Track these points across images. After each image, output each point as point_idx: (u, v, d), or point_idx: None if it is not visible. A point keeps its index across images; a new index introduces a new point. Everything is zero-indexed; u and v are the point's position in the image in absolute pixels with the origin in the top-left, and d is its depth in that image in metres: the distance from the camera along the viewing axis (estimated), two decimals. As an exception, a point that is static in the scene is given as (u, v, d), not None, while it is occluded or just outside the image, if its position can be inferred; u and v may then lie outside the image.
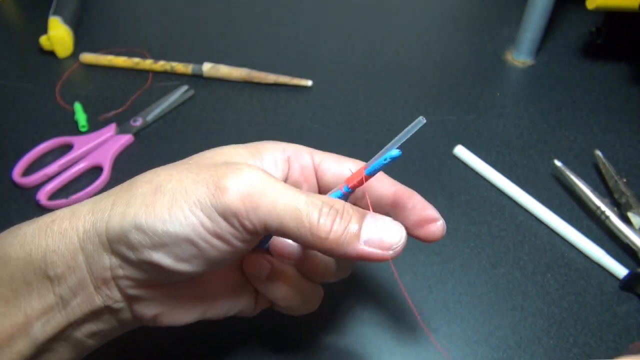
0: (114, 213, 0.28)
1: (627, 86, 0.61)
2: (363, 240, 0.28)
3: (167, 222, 0.27)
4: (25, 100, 0.62)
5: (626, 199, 0.47)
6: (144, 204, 0.28)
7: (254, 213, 0.27)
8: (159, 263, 0.28)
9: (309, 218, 0.27)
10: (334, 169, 0.35)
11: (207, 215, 0.27)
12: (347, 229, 0.28)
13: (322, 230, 0.27)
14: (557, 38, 0.67)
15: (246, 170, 0.28)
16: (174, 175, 0.29)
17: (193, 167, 0.29)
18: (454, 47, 0.67)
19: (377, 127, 0.57)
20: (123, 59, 0.64)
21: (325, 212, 0.28)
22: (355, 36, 0.69)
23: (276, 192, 0.28)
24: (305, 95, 0.61)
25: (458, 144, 0.54)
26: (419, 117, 0.28)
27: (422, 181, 0.51)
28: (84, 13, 0.73)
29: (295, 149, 0.35)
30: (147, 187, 0.28)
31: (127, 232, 0.27)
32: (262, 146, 0.34)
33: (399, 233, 0.29)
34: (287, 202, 0.27)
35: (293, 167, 0.34)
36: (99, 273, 0.29)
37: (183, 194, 0.27)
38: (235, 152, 0.32)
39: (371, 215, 0.29)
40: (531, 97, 0.60)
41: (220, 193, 0.27)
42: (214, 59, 0.63)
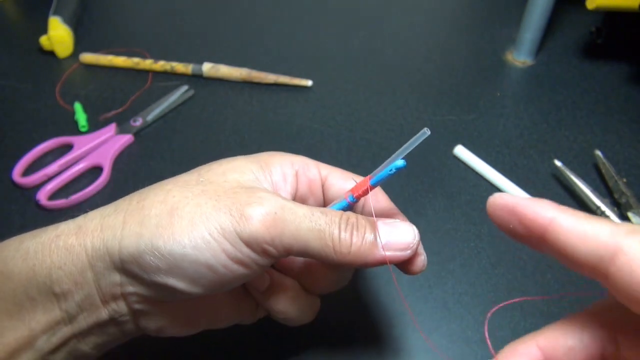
0: (127, 233, 0.28)
1: (627, 86, 0.61)
2: (381, 247, 0.29)
3: (186, 246, 0.27)
4: (25, 100, 0.62)
5: (626, 199, 0.47)
6: (160, 226, 0.27)
7: (279, 239, 0.28)
8: (173, 287, 0.28)
9: (331, 237, 0.29)
10: (340, 183, 0.35)
11: (230, 241, 0.27)
12: (364, 239, 0.29)
13: (344, 245, 0.29)
14: (557, 38, 0.67)
15: (267, 198, 0.29)
16: (190, 198, 0.28)
17: (209, 189, 0.29)
18: (454, 47, 0.67)
19: (377, 127, 0.57)
20: (123, 59, 0.64)
21: (344, 228, 0.29)
22: (355, 36, 0.69)
23: (298, 218, 0.28)
24: (305, 95, 0.61)
25: (458, 144, 0.54)
26: (424, 128, 0.29)
27: (422, 181, 0.51)
28: (84, 13, 0.73)
29: (303, 162, 0.35)
30: (161, 208, 0.28)
31: (142, 254, 0.27)
32: (271, 159, 0.34)
33: (412, 231, 0.30)
34: (310, 226, 0.29)
35: (301, 181, 0.35)
36: (108, 289, 0.29)
37: (203, 219, 0.27)
38: (245, 167, 0.32)
39: (382, 222, 0.30)
40: (531, 97, 0.60)
41: (245, 221, 0.27)
42: (214, 59, 0.63)
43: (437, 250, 0.46)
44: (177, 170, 0.33)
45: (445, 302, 0.43)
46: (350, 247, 0.29)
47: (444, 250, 0.46)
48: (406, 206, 0.49)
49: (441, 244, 0.46)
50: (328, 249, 0.29)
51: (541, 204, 0.24)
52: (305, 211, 0.29)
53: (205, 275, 0.28)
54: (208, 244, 0.27)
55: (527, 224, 0.24)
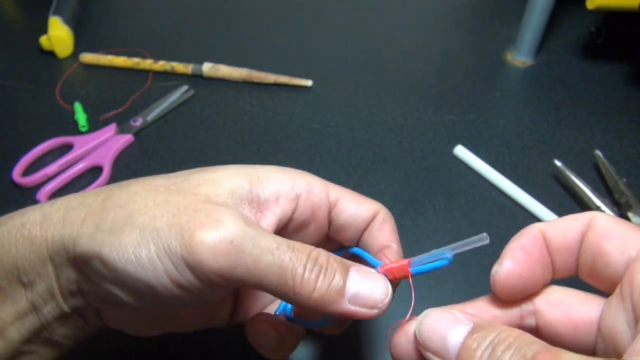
0: (82, 232, 0.27)
1: (627, 86, 0.61)
2: (347, 298, 0.26)
3: (129, 262, 0.25)
4: (25, 100, 0.62)
5: (626, 199, 0.47)
6: (112, 233, 0.26)
7: (230, 271, 0.25)
8: (117, 297, 0.27)
9: (293, 276, 0.26)
10: (352, 210, 0.32)
11: (174, 264, 0.25)
12: (330, 286, 0.26)
13: (306, 288, 0.26)
14: (557, 38, 0.67)
15: (227, 222, 0.26)
16: (149, 208, 0.26)
17: (172, 201, 0.27)
18: (454, 47, 0.67)
19: (377, 127, 0.57)
20: (123, 59, 0.64)
21: (310, 268, 0.26)
22: (355, 36, 0.69)
23: (259, 250, 0.25)
24: (305, 95, 0.61)
25: (458, 144, 0.54)
26: (484, 234, 0.26)
27: (422, 181, 0.51)
28: (84, 13, 0.73)
29: (309, 184, 0.31)
30: (119, 213, 0.27)
31: (91, 259, 0.26)
32: (267, 175, 0.30)
33: (385, 290, 0.27)
34: (270, 261, 0.25)
35: (302, 206, 0.31)
36: (66, 285, 0.28)
37: (154, 235, 0.25)
38: (229, 179, 0.29)
39: (356, 269, 0.27)
40: (531, 97, 0.60)
41: (194, 246, 0.25)
42: (214, 59, 0.63)
43: (437, 250, 0.46)
44: (177, 170, 0.33)
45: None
46: (312, 292, 0.26)
47: (444, 250, 0.46)
48: (406, 206, 0.49)
49: (441, 244, 0.46)
50: (287, 289, 0.26)
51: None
52: (270, 243, 0.26)
53: (147, 293, 0.26)
54: (152, 263, 0.25)
55: None
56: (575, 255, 0.26)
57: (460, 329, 0.23)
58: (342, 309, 0.26)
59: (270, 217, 0.30)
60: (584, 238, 0.25)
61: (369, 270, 0.28)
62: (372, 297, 0.27)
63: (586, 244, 0.25)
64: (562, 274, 0.27)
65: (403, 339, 0.26)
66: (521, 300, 0.26)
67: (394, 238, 0.32)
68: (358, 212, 0.32)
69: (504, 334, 0.22)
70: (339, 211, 0.32)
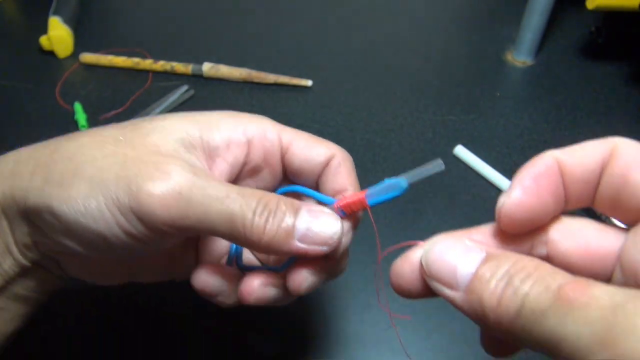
0: (32, 185, 0.27)
1: (627, 86, 0.61)
2: (297, 237, 0.27)
3: (80, 213, 0.26)
4: (25, 100, 0.62)
5: (626, 199, 0.47)
6: (62, 186, 0.26)
7: (181, 221, 0.26)
8: (70, 248, 0.27)
9: (243, 222, 0.26)
10: (305, 153, 0.31)
11: (124, 215, 0.26)
12: (279, 227, 0.26)
13: (256, 232, 0.26)
14: (557, 38, 0.67)
15: (175, 174, 0.26)
16: (97, 160, 0.27)
17: (120, 152, 0.27)
18: (454, 47, 0.67)
19: (377, 127, 0.57)
20: (123, 59, 0.64)
21: (259, 213, 0.26)
22: (355, 36, 0.69)
23: (208, 199, 0.26)
24: (305, 95, 0.61)
25: (458, 144, 0.54)
26: (439, 160, 0.26)
27: (422, 181, 0.51)
28: (84, 13, 0.73)
29: (261, 128, 0.31)
30: (67, 165, 0.27)
31: (42, 212, 0.26)
32: (218, 121, 0.30)
33: (335, 227, 0.27)
34: (220, 209, 0.26)
35: (254, 152, 0.31)
36: (20, 238, 0.29)
37: (102, 186, 0.26)
38: (178, 128, 0.29)
39: (306, 209, 0.27)
40: (531, 97, 0.60)
41: (143, 198, 0.25)
42: (214, 59, 0.63)
43: (437, 250, 0.46)
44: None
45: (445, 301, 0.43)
46: (262, 234, 0.26)
47: (444, 250, 0.46)
48: (406, 206, 0.49)
49: (441, 244, 0.46)
50: (238, 234, 0.26)
51: None
52: (219, 192, 0.26)
53: (100, 243, 0.27)
54: (102, 214, 0.26)
55: None
56: (593, 185, 0.24)
57: (473, 257, 0.22)
58: (293, 248, 0.27)
59: (222, 164, 0.30)
60: (605, 167, 0.23)
61: (321, 209, 0.28)
62: (321, 235, 0.27)
63: (609, 173, 0.23)
64: (575, 205, 0.25)
65: (406, 268, 0.25)
66: (535, 230, 0.24)
67: (351, 182, 0.31)
68: (310, 155, 0.31)
69: (521, 263, 0.20)
70: (291, 155, 0.31)
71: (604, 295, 0.17)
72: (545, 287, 0.19)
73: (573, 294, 0.18)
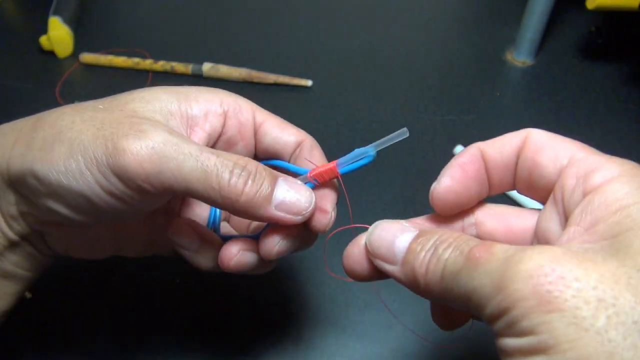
0: (14, 154, 0.28)
1: (627, 86, 0.61)
2: (274, 204, 0.28)
3: (61, 174, 0.26)
4: (25, 100, 0.62)
5: (626, 199, 0.47)
6: (43, 150, 0.27)
7: (155, 177, 0.26)
8: (56, 210, 0.28)
9: (218, 180, 0.27)
10: (275, 132, 0.33)
11: (102, 174, 0.26)
12: (259, 192, 0.27)
13: (233, 192, 0.27)
14: (557, 38, 0.67)
15: (149, 132, 0.27)
16: (76, 124, 0.27)
17: (98, 117, 0.28)
18: (454, 47, 0.67)
19: (377, 127, 0.57)
20: (123, 59, 0.64)
21: (237, 174, 0.27)
22: (355, 36, 0.69)
23: (182, 155, 0.26)
24: (305, 95, 0.61)
25: (458, 144, 0.54)
26: (404, 128, 0.28)
27: (422, 181, 0.51)
28: (84, 13, 0.73)
29: (236, 103, 0.33)
30: (48, 131, 0.28)
31: (25, 176, 0.27)
32: (197, 94, 0.32)
33: (309, 199, 0.29)
34: (193, 165, 0.26)
35: (230, 123, 0.32)
36: (6, 208, 0.29)
37: (81, 147, 0.26)
38: (158, 97, 0.30)
39: (283, 179, 0.29)
40: (531, 97, 0.60)
41: (118, 155, 0.26)
42: (214, 59, 0.63)
43: (437, 250, 0.46)
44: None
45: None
46: (240, 194, 0.27)
47: (444, 250, 0.46)
48: (406, 206, 0.49)
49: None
50: (213, 192, 0.27)
51: None
52: (193, 149, 0.27)
53: (84, 205, 0.27)
54: (82, 174, 0.26)
55: None
56: (512, 170, 0.27)
57: (407, 235, 0.25)
58: (269, 214, 0.28)
59: (200, 133, 0.31)
60: (520, 153, 0.27)
61: (296, 181, 0.29)
62: (297, 205, 0.28)
63: (522, 158, 0.26)
64: (500, 189, 0.28)
65: (355, 250, 0.27)
66: (463, 213, 0.28)
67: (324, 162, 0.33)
68: (280, 136, 0.33)
69: (444, 235, 0.23)
70: (262, 133, 0.33)
71: (500, 251, 0.21)
72: (460, 251, 0.22)
73: (479, 253, 0.21)
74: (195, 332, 0.41)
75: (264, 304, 0.43)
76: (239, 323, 0.42)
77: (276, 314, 0.42)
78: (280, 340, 0.41)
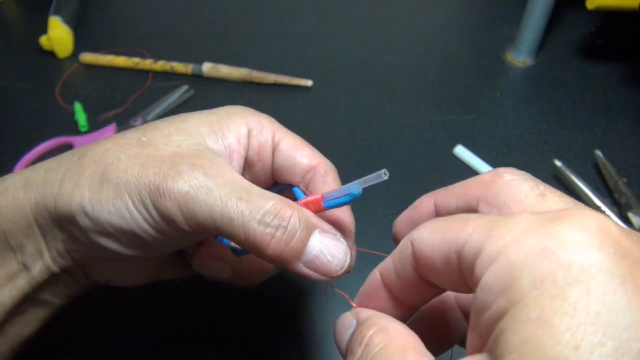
0: (62, 192, 0.28)
1: (627, 86, 0.60)
2: (304, 261, 0.27)
3: (112, 213, 0.27)
4: (25, 100, 0.62)
5: (626, 199, 0.47)
6: (91, 189, 0.28)
7: (191, 219, 0.27)
8: (107, 247, 0.28)
9: (244, 229, 0.26)
10: (289, 152, 0.32)
11: (149, 213, 0.27)
12: (289, 246, 0.26)
13: (259, 242, 0.26)
14: (557, 38, 0.67)
15: (186, 175, 0.27)
16: (122, 162, 0.28)
17: (142, 154, 0.28)
18: (454, 47, 0.67)
19: (377, 127, 0.57)
20: (123, 59, 0.64)
21: (265, 223, 0.26)
22: (355, 36, 0.69)
23: (212, 200, 0.26)
24: (305, 95, 0.61)
25: (458, 144, 0.54)
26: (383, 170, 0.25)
27: (422, 181, 0.51)
28: (84, 13, 0.73)
29: (259, 123, 0.32)
30: (95, 170, 0.28)
31: (75, 215, 0.28)
32: (227, 120, 0.32)
33: (342, 261, 0.27)
34: (222, 212, 0.26)
35: (251, 144, 0.32)
36: (53, 244, 0.30)
37: (128, 187, 0.27)
38: (195, 130, 0.30)
39: (320, 232, 0.27)
40: (531, 97, 0.60)
41: (160, 196, 0.27)
42: (214, 59, 0.63)
43: (437, 250, 0.46)
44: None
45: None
46: (267, 247, 0.26)
47: (444, 250, 0.46)
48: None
49: (441, 244, 0.46)
50: (241, 240, 0.26)
51: None
52: (225, 193, 0.26)
53: (134, 241, 0.28)
54: (131, 213, 0.27)
55: None
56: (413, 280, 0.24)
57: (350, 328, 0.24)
58: (297, 269, 0.27)
59: (237, 159, 0.31)
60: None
61: (333, 235, 0.27)
62: (327, 266, 0.27)
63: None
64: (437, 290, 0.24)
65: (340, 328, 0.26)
66: None
67: None
68: (293, 156, 0.32)
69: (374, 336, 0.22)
70: (277, 151, 0.32)
71: None
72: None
73: None
74: (195, 332, 0.41)
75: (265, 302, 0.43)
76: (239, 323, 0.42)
77: (276, 313, 0.42)
78: (279, 340, 0.41)
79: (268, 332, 0.41)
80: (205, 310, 0.43)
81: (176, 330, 0.42)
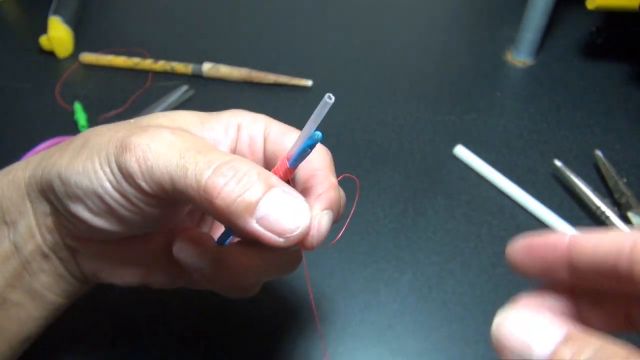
0: (49, 163, 0.29)
1: (627, 86, 0.60)
2: (257, 217, 0.24)
3: (79, 174, 0.27)
4: (25, 100, 0.62)
5: (626, 199, 0.47)
6: (72, 157, 0.28)
7: (148, 174, 0.26)
8: (77, 214, 0.28)
9: (196, 177, 0.24)
10: (277, 139, 0.31)
11: (112, 171, 0.27)
12: (242, 197, 0.24)
13: (209, 191, 0.24)
14: (557, 38, 0.67)
15: (150, 131, 0.27)
16: (103, 132, 0.29)
17: (123, 126, 0.29)
18: (454, 47, 0.67)
19: (377, 127, 0.57)
20: (123, 58, 0.64)
21: (219, 173, 0.24)
22: (355, 36, 0.69)
23: (172, 152, 0.26)
24: (305, 95, 0.61)
25: (458, 144, 0.54)
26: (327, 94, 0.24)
27: (422, 181, 0.51)
28: (84, 13, 0.73)
29: (252, 118, 0.32)
30: (79, 142, 0.29)
31: (52, 181, 0.28)
32: (216, 115, 0.32)
33: (299, 221, 0.25)
34: (178, 162, 0.25)
35: (241, 136, 0.32)
36: (42, 220, 0.30)
37: (98, 149, 0.28)
38: (183, 118, 0.31)
39: (281, 189, 0.25)
40: (531, 97, 0.60)
41: (122, 151, 0.26)
42: (214, 59, 0.63)
43: (437, 250, 0.46)
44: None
45: (445, 302, 0.43)
46: (217, 196, 0.24)
47: (444, 250, 0.46)
48: (406, 206, 0.49)
49: (441, 244, 0.46)
50: (193, 191, 0.24)
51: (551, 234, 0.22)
52: (185, 147, 0.26)
53: (99, 205, 0.28)
54: (95, 172, 0.27)
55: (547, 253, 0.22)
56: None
57: (549, 338, 0.19)
58: (247, 226, 0.24)
59: (223, 149, 0.31)
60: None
61: (295, 194, 0.25)
62: (282, 224, 0.24)
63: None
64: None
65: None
66: None
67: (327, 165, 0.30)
68: (281, 140, 0.31)
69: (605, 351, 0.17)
70: (267, 140, 0.32)
71: None
72: None
73: None
74: (195, 333, 0.41)
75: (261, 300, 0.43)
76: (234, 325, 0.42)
77: (274, 312, 0.42)
78: (278, 340, 0.41)
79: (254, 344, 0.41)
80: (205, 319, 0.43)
81: (173, 338, 0.42)
